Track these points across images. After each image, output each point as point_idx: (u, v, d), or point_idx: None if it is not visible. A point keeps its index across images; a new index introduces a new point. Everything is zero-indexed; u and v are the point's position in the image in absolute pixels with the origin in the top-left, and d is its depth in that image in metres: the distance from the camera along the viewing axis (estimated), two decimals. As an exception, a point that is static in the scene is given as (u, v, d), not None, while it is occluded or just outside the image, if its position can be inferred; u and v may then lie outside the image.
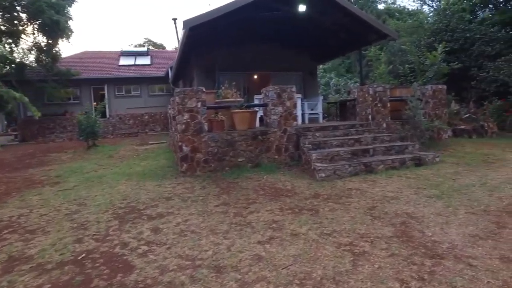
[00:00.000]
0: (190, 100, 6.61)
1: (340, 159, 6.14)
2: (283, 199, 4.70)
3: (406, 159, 6.19)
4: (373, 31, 10.13)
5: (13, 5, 14.16)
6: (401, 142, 7.11)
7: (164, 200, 5.03)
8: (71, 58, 21.81)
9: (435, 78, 10.49)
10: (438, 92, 8.74)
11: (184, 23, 8.01)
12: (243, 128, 6.97)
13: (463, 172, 5.65)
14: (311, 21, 10.93)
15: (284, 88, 7.10)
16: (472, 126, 10.85)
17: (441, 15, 13.86)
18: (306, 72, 13.46)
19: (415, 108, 7.81)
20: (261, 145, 7.03)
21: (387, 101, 8.05)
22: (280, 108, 7.07)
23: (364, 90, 8.14)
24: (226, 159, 6.85)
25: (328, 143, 6.66)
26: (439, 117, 8.68)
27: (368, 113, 8.02)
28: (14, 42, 17.08)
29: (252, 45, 12.31)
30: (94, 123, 12.27)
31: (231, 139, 6.86)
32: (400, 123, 8.29)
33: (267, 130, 7.06)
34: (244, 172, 6.51)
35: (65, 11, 16.33)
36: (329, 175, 5.58)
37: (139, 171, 7.49)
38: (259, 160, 7.01)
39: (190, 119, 6.61)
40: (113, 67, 21.33)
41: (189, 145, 6.64)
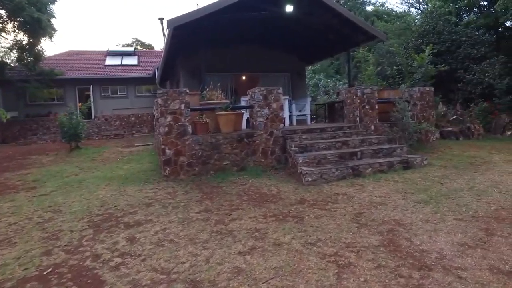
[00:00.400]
0: (173, 102, 6.39)
1: (327, 163, 6.01)
2: (268, 205, 4.53)
3: (394, 162, 6.09)
4: (361, 32, 10.07)
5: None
6: (389, 145, 7.03)
7: (144, 207, 4.80)
8: (55, 58, 21.25)
9: (422, 80, 10.50)
10: (426, 94, 8.72)
11: (168, 23, 7.78)
12: (228, 131, 6.78)
13: (451, 176, 5.58)
14: (299, 22, 10.82)
15: (270, 89, 6.94)
16: (459, 128, 10.91)
17: (428, 17, 13.95)
18: (294, 73, 13.35)
19: (403, 110, 7.76)
20: (246, 148, 6.85)
21: (375, 103, 7.97)
22: (266, 110, 6.91)
23: (352, 92, 8.05)
24: (210, 162, 6.64)
25: (315, 146, 6.52)
26: (427, 119, 8.66)
27: (356, 115, 7.93)
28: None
29: (240, 46, 12.14)
30: (77, 125, 11.89)
31: (216, 142, 6.66)
32: (388, 125, 8.23)
33: (253, 133, 6.89)
34: (229, 176, 6.32)
35: (48, 9, 15.86)
36: (315, 179, 5.44)
37: (121, 175, 7.22)
38: (244, 163, 6.83)
39: (173, 122, 6.39)
40: (99, 67, 20.85)
41: (172, 148, 6.41)
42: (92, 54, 22.41)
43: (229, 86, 12.52)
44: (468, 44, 12.97)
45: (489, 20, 14.27)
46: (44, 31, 14.83)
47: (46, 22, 14.60)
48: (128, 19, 69.32)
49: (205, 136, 6.60)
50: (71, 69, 20.20)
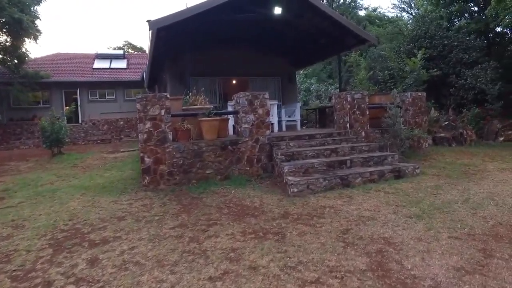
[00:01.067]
0: (153, 107, 6.03)
1: (315, 172, 5.68)
2: (248, 220, 4.18)
3: (385, 171, 5.80)
4: (352, 35, 9.83)
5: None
6: (380, 152, 6.74)
7: (115, 221, 4.41)
8: (42, 60, 20.72)
9: (414, 85, 10.30)
10: (418, 100, 8.48)
11: (151, 24, 7.43)
12: (212, 138, 6.43)
13: (444, 186, 5.29)
14: (290, 25, 10.56)
15: (256, 94, 6.62)
16: (451, 134, 10.70)
17: (420, 21, 13.82)
18: (285, 77, 13.07)
19: (394, 116, 7.50)
20: (231, 156, 6.50)
21: (365, 109, 7.70)
22: (251, 116, 6.58)
23: (342, 97, 7.77)
24: (192, 171, 6.28)
25: (302, 153, 6.20)
26: (419, 125, 8.41)
27: (346, 121, 7.64)
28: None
29: (229, 49, 11.82)
30: (60, 130, 11.43)
31: (198, 149, 6.30)
32: (379, 131, 7.95)
33: (238, 140, 6.55)
34: (212, 186, 5.96)
35: (31, 10, 15.40)
36: (302, 190, 5.11)
37: (99, 184, 6.82)
38: (229, 172, 6.48)
39: (152, 128, 6.03)
40: (86, 70, 20.37)
41: (152, 156, 6.04)
42: (80, 56, 21.92)
43: (218, 91, 12.18)
44: (459, 49, 12.85)
45: (480, 25, 14.22)
46: (26, 32, 14.35)
47: (29, 23, 14.12)
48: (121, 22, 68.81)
49: (187, 144, 6.24)
50: (58, 72, 19.70)
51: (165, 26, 7.70)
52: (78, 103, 19.61)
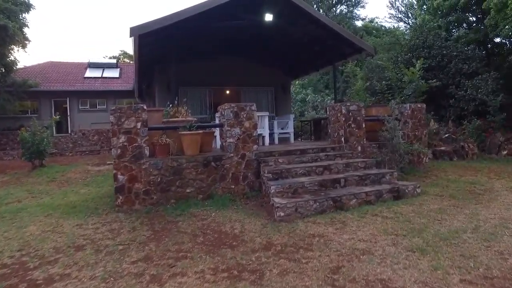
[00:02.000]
0: (128, 119, 5.49)
1: (305, 192, 5.11)
2: (224, 252, 3.59)
3: (383, 192, 5.23)
4: (348, 44, 9.41)
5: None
6: (377, 170, 6.19)
7: (72, 251, 3.81)
8: (32, 69, 20.31)
9: (413, 96, 9.82)
10: (418, 112, 7.98)
11: (132, 30, 6.96)
12: (193, 153, 5.87)
13: (449, 209, 4.72)
14: (283, 33, 10.15)
15: (242, 106, 6.10)
16: (452, 147, 10.19)
17: (418, 31, 13.46)
18: (278, 87, 12.62)
19: (393, 129, 6.97)
20: (214, 173, 5.93)
21: (362, 121, 7.18)
22: (237, 129, 6.04)
23: (336, 108, 7.26)
24: (171, 189, 5.70)
25: (292, 171, 5.63)
26: (418, 139, 7.89)
27: (340, 135, 7.11)
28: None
29: (220, 58, 11.39)
30: (41, 141, 10.86)
31: (178, 166, 5.73)
32: (376, 145, 7.42)
33: (222, 156, 5.99)
34: (191, 207, 5.37)
35: (19, 17, 15.01)
36: (289, 214, 4.53)
37: (70, 203, 6.24)
38: (211, 190, 5.90)
39: (127, 142, 5.47)
40: (77, 79, 19.93)
41: (126, 174, 5.47)
42: (72, 65, 21.51)
43: (208, 101, 11.69)
44: (459, 59, 12.44)
45: (479, 35, 13.87)
46: (11, 39, 13.89)
47: (15, 30, 13.67)
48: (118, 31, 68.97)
49: (165, 159, 5.68)
50: (48, 81, 19.26)
51: (148, 32, 7.24)
52: (68, 112, 19.11)
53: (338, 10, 26.59)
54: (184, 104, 6.59)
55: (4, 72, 16.65)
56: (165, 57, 10.34)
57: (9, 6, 13.96)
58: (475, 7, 14.31)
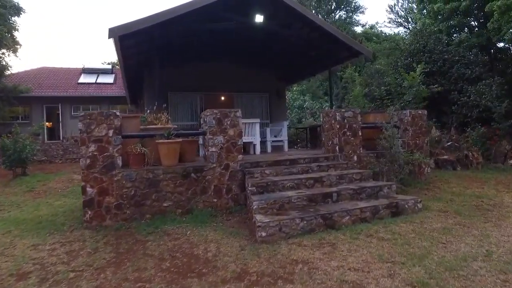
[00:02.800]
0: (99, 126, 5.00)
1: (292, 208, 4.57)
2: (189, 283, 3.04)
3: (380, 207, 4.68)
4: (344, 48, 8.93)
5: None
6: (374, 182, 5.64)
7: (12, 281, 3.29)
8: (25, 74, 19.95)
9: (414, 101, 9.31)
10: (418, 118, 7.46)
11: (110, 32, 6.49)
12: (171, 163, 5.35)
13: (454, 229, 4.17)
14: (277, 37, 9.70)
15: (226, 112, 5.59)
16: (455, 156, 9.63)
17: (418, 35, 12.99)
18: (273, 93, 12.12)
19: (391, 137, 6.45)
20: (194, 185, 5.40)
21: (358, 129, 6.66)
22: (220, 137, 5.53)
23: (330, 115, 6.74)
24: (146, 203, 5.17)
25: (279, 184, 5.10)
26: (419, 148, 7.35)
27: (335, 143, 6.58)
28: None
29: (211, 63, 10.94)
30: (23, 148, 10.39)
31: (154, 177, 5.21)
32: (374, 155, 6.88)
33: (203, 166, 5.47)
34: (167, 223, 4.84)
35: (9, 20, 14.67)
36: (272, 233, 3.99)
37: (38, 217, 5.73)
38: (191, 205, 5.37)
39: (98, 152, 4.97)
40: (71, 85, 19.54)
41: (96, 186, 4.96)
42: (66, 71, 21.15)
43: (199, 108, 11.19)
44: (461, 64, 11.95)
45: (481, 39, 13.40)
46: (0, 43, 13.52)
47: (2, 34, 13.30)
48: (119, 38, 68.88)
49: (140, 171, 5.16)
50: (41, 86, 18.87)
51: (129, 34, 6.77)
52: (60, 119, 18.68)
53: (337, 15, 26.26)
54: (165, 109, 6.09)
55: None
56: (152, 61, 9.90)
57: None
58: (476, 12, 13.88)
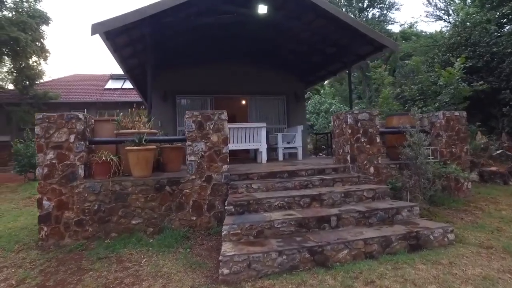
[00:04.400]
0: (58, 131, 4.37)
1: (274, 236, 3.57)
2: None
3: (392, 238, 3.52)
4: (365, 41, 7.75)
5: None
6: (391, 202, 4.45)
7: None
8: (58, 81, 20.77)
9: (452, 102, 7.82)
10: (455, 121, 6.08)
11: (93, 28, 5.95)
12: (142, 174, 4.59)
13: (502, 280, 2.91)
14: (290, 33, 8.75)
15: (208, 114, 4.74)
16: (507, 168, 7.95)
17: (460, 27, 11.28)
18: (290, 96, 11.10)
19: (417, 144, 5.18)
20: (169, 200, 4.59)
21: (376, 135, 5.47)
22: (201, 144, 4.68)
23: (341, 118, 5.63)
24: (112, 220, 4.44)
25: (264, 202, 4.11)
26: (456, 158, 5.97)
27: (346, 152, 5.45)
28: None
29: (222, 64, 10.25)
30: (34, 153, 10.31)
31: (122, 190, 4.47)
32: (397, 166, 5.65)
33: (180, 178, 4.64)
34: (129, 245, 4.06)
35: (38, 29, 15.15)
36: (238, 271, 3.02)
37: (5, 230, 5.21)
38: (165, 223, 4.55)
39: (57, 160, 4.34)
40: (97, 90, 19.96)
41: (54, 199, 4.32)
42: (94, 77, 21.72)
43: (209, 111, 10.47)
44: (514, 58, 10.11)
45: (541, 30, 11.37)
46: (23, 50, 13.90)
47: (27, 42, 13.68)
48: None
49: (105, 182, 4.44)
50: (70, 93, 19.45)
51: (118, 30, 6.21)
52: (86, 124, 19.06)
53: (370, 14, 24.55)
54: (144, 112, 5.38)
55: (26, 84, 16.99)
56: (157, 64, 9.39)
57: (25, 19, 14.06)
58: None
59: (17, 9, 15.83)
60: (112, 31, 6.14)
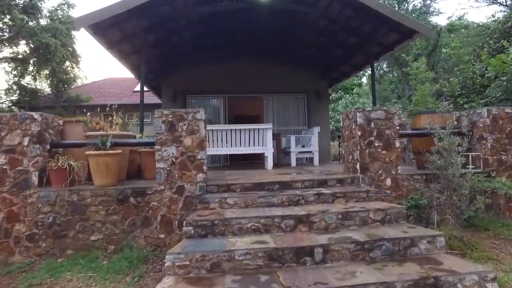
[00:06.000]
0: (11, 133, 3.90)
1: (234, 271, 2.70)
2: None
3: (396, 286, 2.47)
4: (391, 27, 6.56)
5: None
6: (408, 227, 3.35)
7: None
8: (91, 85, 21.50)
9: (504, 97, 6.33)
10: (505, 121, 4.72)
11: (77, 21, 5.53)
12: (104, 183, 3.96)
13: None
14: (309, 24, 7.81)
15: (180, 113, 3.99)
16: None
17: (517, 9, 9.45)
18: (312, 94, 10.06)
19: (448, 150, 3.98)
20: (134, 213, 3.91)
21: (394, 138, 4.35)
22: (172, 149, 3.94)
23: (350, 117, 4.58)
24: (69, 235, 3.86)
25: (233, 224, 3.23)
26: (507, 168, 4.62)
27: (355, 159, 4.40)
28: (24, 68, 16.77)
29: (235, 61, 9.60)
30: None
31: (80, 201, 3.88)
32: (423, 177, 4.47)
33: (146, 189, 3.93)
34: (77, 267, 3.42)
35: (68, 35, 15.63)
36: (166, 326, 2.20)
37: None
38: (129, 240, 3.88)
39: (8, 165, 3.87)
40: (127, 93, 20.30)
41: (4, 210, 3.85)
42: (126, 80, 22.13)
43: (222, 113, 9.81)
44: None
45: None
46: (53, 55, 14.34)
47: (57, 47, 14.08)
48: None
49: (62, 191, 3.87)
50: (101, 96, 19.97)
51: (107, 22, 5.73)
52: (114, 126, 19.44)
53: (411, 5, 22.44)
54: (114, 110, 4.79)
55: (61, 88, 17.70)
56: (165, 61, 8.92)
57: (56, 25, 14.51)
58: None
59: (52, 17, 16.54)
60: (100, 24, 5.66)
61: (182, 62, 9.22)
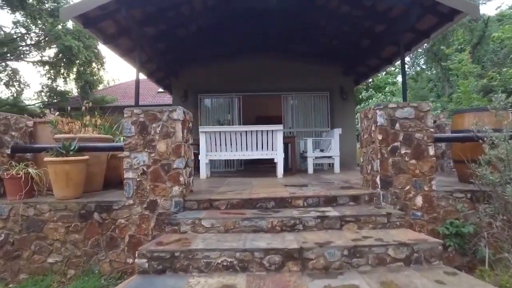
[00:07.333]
0: (-36, 134, 3.39)
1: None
2: None
3: None
4: (427, 8, 5.43)
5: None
6: (445, 272, 2.36)
7: None
8: (118, 86, 21.83)
9: None
10: None
11: (61, 12, 5.06)
12: (63, 195, 3.35)
13: None
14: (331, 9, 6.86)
15: (154, 113, 3.28)
16: None
17: None
18: (335, 92, 9.04)
19: (505, 161, 2.92)
20: (98, 232, 3.26)
21: (427, 143, 3.34)
22: (143, 155, 3.24)
23: (369, 116, 3.62)
24: (23, 256, 3.29)
25: (200, 257, 2.44)
26: None
27: (375, 170, 3.44)
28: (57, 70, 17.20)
29: (250, 57, 8.84)
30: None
31: (37, 216, 3.30)
32: (467, 196, 3.41)
33: (113, 203, 3.27)
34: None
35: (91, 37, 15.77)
36: None
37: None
38: (93, 264, 3.23)
39: (-38, 172, 3.36)
40: (151, 94, 20.30)
41: (-44, 224, 3.34)
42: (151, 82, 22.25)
43: (236, 112, 9.09)
44: None
45: None
46: (76, 57, 14.47)
47: (79, 49, 14.20)
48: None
49: (17, 204, 3.31)
50: (127, 97, 20.13)
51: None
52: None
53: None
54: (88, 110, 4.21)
55: (87, 89, 18.01)
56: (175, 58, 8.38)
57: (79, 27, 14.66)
58: None
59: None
60: (88, 14, 5.15)
61: (193, 59, 8.65)
